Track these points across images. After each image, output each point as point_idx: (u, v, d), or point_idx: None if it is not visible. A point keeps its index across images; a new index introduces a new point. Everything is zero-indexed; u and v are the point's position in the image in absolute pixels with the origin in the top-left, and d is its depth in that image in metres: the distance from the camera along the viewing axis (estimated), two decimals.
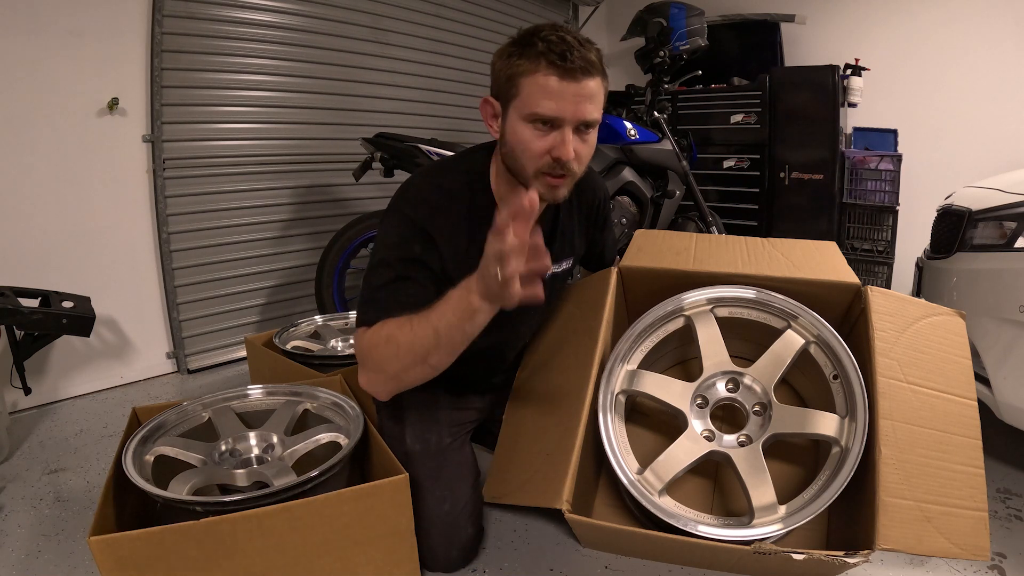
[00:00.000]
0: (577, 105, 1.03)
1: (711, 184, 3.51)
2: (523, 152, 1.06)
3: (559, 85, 1.01)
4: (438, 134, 3.03)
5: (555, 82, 1.01)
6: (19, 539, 1.35)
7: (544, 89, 1.01)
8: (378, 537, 1.08)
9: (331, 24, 2.69)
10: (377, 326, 1.04)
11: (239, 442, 1.27)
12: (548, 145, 1.05)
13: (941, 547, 1.02)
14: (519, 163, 1.08)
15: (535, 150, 1.05)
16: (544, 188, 1.08)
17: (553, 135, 1.05)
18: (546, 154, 1.05)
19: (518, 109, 1.05)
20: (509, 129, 1.07)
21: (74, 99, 2.05)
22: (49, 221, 2.05)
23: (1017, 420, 1.44)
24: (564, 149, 1.04)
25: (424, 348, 0.99)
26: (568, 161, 1.05)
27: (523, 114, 1.04)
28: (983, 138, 3.10)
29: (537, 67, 1.01)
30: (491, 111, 1.11)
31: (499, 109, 1.09)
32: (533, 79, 1.02)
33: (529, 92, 1.02)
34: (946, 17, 3.15)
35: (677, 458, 1.20)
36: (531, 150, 1.05)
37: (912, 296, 1.42)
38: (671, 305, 1.31)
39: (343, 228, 2.40)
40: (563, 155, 1.04)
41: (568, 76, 1.01)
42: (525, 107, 1.04)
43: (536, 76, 1.01)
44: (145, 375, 2.36)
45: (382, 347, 1.02)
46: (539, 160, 1.06)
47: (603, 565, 1.27)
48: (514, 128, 1.06)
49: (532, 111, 1.03)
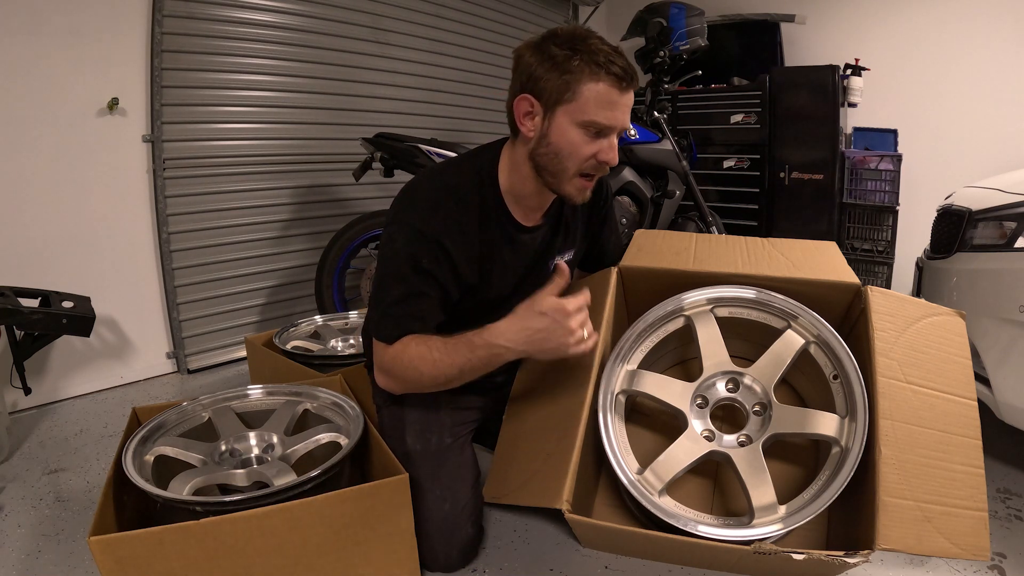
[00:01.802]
0: (625, 115, 1.10)
1: (711, 184, 3.51)
2: (570, 155, 1.10)
3: (618, 97, 1.06)
4: (438, 134, 3.03)
5: (615, 94, 1.06)
6: (19, 539, 1.35)
7: (606, 99, 1.05)
8: (378, 537, 1.09)
9: (331, 24, 2.69)
10: (399, 345, 1.13)
11: (239, 442, 1.27)
12: (596, 149, 1.10)
13: (941, 547, 1.02)
14: (562, 164, 1.11)
15: (584, 154, 1.10)
16: (577, 190, 1.15)
17: (601, 141, 1.10)
18: (592, 157, 1.10)
19: (571, 114, 1.07)
20: (556, 130, 1.09)
21: (74, 99, 2.05)
22: (49, 221, 2.06)
23: (1017, 420, 1.44)
24: (612, 155, 1.11)
25: (446, 378, 1.12)
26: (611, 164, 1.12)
27: (578, 119, 1.07)
28: (983, 138, 3.10)
29: (599, 76, 1.04)
30: (527, 109, 1.10)
31: (539, 108, 1.09)
32: (594, 87, 1.05)
33: (588, 99, 1.05)
34: (946, 17, 3.15)
35: (677, 458, 1.20)
36: (580, 153, 1.10)
37: (912, 296, 1.42)
38: (671, 305, 1.31)
39: (343, 228, 2.41)
40: (611, 160, 1.11)
41: (625, 88, 1.06)
42: (582, 113, 1.06)
43: (599, 85, 1.05)
44: (145, 375, 2.36)
45: (405, 369, 1.13)
46: (585, 163, 1.11)
47: (603, 565, 1.27)
48: (563, 130, 1.09)
49: (591, 119, 1.06)
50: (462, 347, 1.10)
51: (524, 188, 1.18)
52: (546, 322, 1.05)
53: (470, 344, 1.10)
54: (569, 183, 1.13)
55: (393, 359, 1.13)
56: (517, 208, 1.21)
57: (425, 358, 1.11)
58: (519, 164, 1.16)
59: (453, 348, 1.10)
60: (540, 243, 1.28)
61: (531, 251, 1.26)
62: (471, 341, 1.10)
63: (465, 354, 1.10)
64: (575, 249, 1.38)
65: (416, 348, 1.12)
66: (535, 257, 1.28)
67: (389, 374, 1.17)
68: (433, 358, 1.10)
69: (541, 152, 1.12)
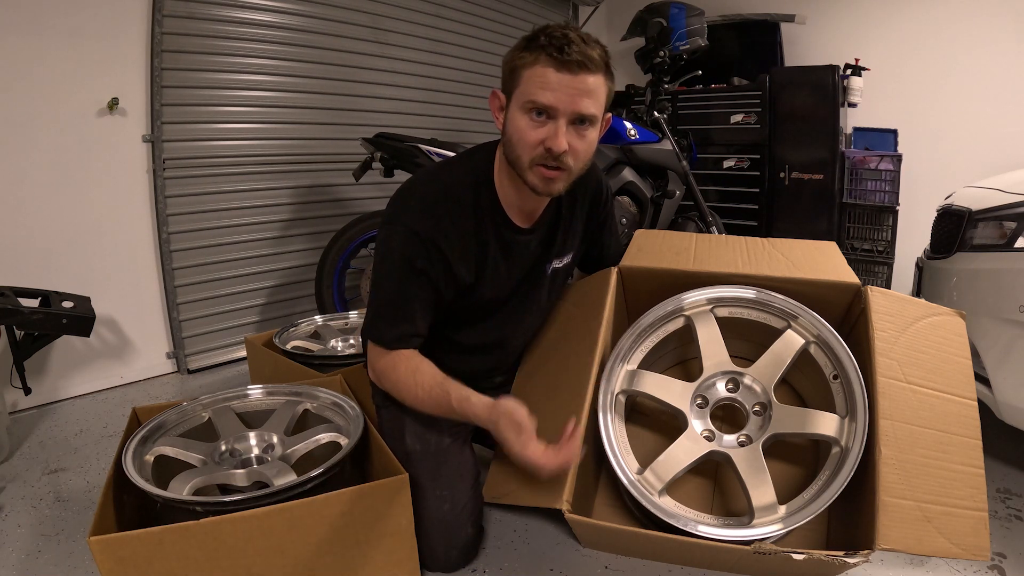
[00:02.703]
0: (572, 97, 1.04)
1: (711, 184, 3.51)
2: (519, 141, 1.09)
3: (556, 76, 1.04)
4: (438, 134, 3.03)
5: (552, 74, 1.04)
6: (19, 539, 1.35)
7: (542, 79, 1.04)
8: (378, 537, 1.09)
9: (331, 24, 2.69)
10: (390, 359, 1.17)
11: (239, 442, 1.27)
12: (542, 136, 1.07)
13: (941, 547, 1.02)
14: (515, 152, 1.10)
15: (529, 140, 1.07)
16: (538, 180, 1.11)
17: (548, 126, 1.07)
18: (540, 144, 1.07)
19: (517, 99, 1.08)
20: (509, 119, 1.10)
21: (74, 99, 2.05)
22: (49, 221, 2.06)
23: (1017, 420, 1.44)
24: (556, 141, 1.06)
25: (429, 408, 1.17)
26: (560, 153, 1.07)
27: (521, 103, 1.07)
28: (983, 138, 3.10)
29: (537, 59, 1.05)
30: (498, 104, 1.14)
31: (504, 101, 1.12)
32: (532, 70, 1.05)
33: (527, 82, 1.06)
34: (946, 17, 3.15)
35: (677, 458, 1.20)
36: (526, 140, 1.08)
37: (912, 296, 1.42)
38: (671, 305, 1.31)
39: (343, 228, 2.40)
40: (555, 146, 1.06)
41: (564, 68, 1.04)
42: (523, 96, 1.07)
43: (535, 67, 1.05)
44: (145, 375, 2.36)
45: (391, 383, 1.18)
46: (533, 150, 1.08)
47: (603, 565, 1.27)
48: (513, 117, 1.09)
49: (529, 99, 1.06)
50: (444, 401, 1.14)
51: (513, 187, 1.18)
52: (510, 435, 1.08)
53: (448, 402, 1.13)
54: (529, 172, 1.10)
55: (383, 371, 1.19)
56: (513, 209, 1.21)
57: (409, 388, 1.16)
58: (504, 163, 1.17)
59: (438, 395, 1.14)
60: (537, 245, 1.27)
61: (527, 253, 1.26)
62: (452, 400, 1.13)
63: (444, 405, 1.14)
64: (573, 252, 1.37)
65: (404, 374, 1.17)
66: (532, 260, 1.28)
67: (378, 378, 1.22)
68: (415, 392, 1.16)
69: (504, 143, 1.13)
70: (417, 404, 1.17)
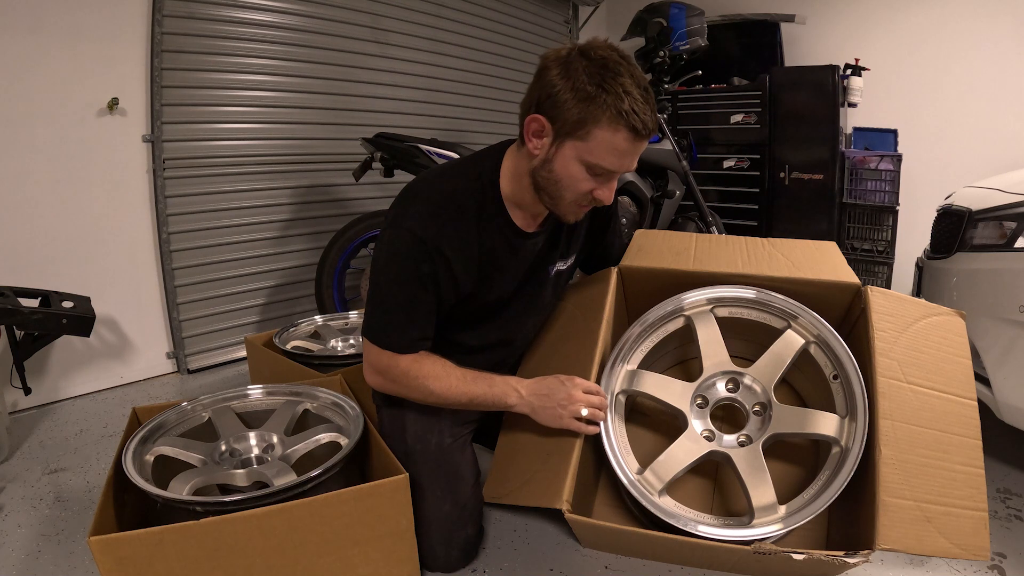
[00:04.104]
0: (633, 161, 1.09)
1: (711, 184, 3.51)
2: (568, 188, 1.11)
3: (629, 147, 1.06)
4: (438, 134, 3.03)
5: (628, 145, 1.05)
6: (19, 539, 1.35)
7: (617, 149, 1.05)
8: (378, 537, 1.09)
9: (331, 24, 2.69)
10: (411, 359, 1.17)
11: (239, 442, 1.27)
12: (593, 187, 1.10)
13: (941, 547, 1.02)
14: (560, 192, 1.12)
15: (581, 189, 1.10)
16: (573, 215, 1.17)
17: (599, 180, 1.10)
18: (589, 193, 1.11)
19: (579, 151, 1.06)
20: (561, 162, 1.09)
21: (74, 99, 2.05)
22: (49, 221, 2.06)
23: (1017, 420, 1.44)
24: (608, 196, 1.12)
25: (454, 402, 1.20)
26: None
27: (584, 159, 1.07)
28: (983, 138, 3.10)
29: (618, 127, 1.02)
30: (537, 129, 1.08)
31: (549, 131, 1.07)
32: (610, 137, 1.03)
33: (600, 145, 1.04)
34: (946, 17, 3.15)
35: (677, 458, 1.20)
36: (577, 189, 1.10)
37: (912, 296, 1.42)
38: (671, 305, 1.31)
39: (343, 228, 2.40)
40: (605, 201, 1.13)
41: (639, 139, 1.05)
42: (590, 155, 1.06)
43: (615, 136, 1.03)
44: (145, 375, 2.36)
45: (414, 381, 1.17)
46: (581, 197, 1.12)
47: (603, 565, 1.27)
48: (567, 164, 1.08)
49: (597, 163, 1.06)
50: (481, 381, 1.20)
51: (524, 196, 1.18)
52: (556, 383, 1.19)
53: (490, 380, 1.21)
54: (564, 207, 1.14)
55: (404, 372, 1.17)
56: (517, 214, 1.20)
57: (440, 379, 1.18)
58: (521, 174, 1.15)
59: (473, 379, 1.20)
60: (540, 249, 1.27)
61: (531, 257, 1.26)
62: (492, 377, 1.21)
63: (484, 387, 1.19)
64: (576, 254, 1.37)
65: (432, 367, 1.18)
66: (535, 263, 1.28)
67: (395, 382, 1.20)
68: (449, 382, 1.18)
69: (543, 175, 1.11)
70: (448, 395, 1.18)
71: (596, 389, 1.21)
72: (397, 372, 1.18)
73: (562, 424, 1.17)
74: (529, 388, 1.21)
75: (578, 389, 1.18)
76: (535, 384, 1.21)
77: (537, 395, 1.19)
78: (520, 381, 1.22)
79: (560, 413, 1.17)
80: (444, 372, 1.19)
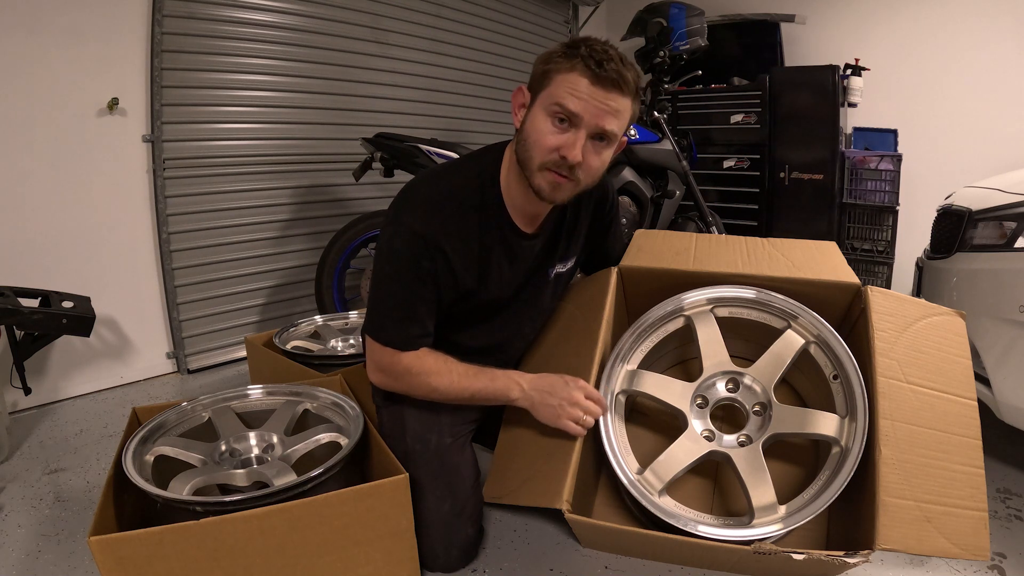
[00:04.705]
0: (599, 112, 1.06)
1: (711, 184, 3.51)
2: (535, 142, 1.09)
3: (588, 88, 1.04)
4: (438, 134, 3.03)
5: (585, 84, 1.04)
6: (19, 539, 1.35)
7: (574, 87, 1.05)
8: (378, 537, 1.08)
9: (331, 24, 2.69)
10: (413, 355, 1.17)
11: (239, 442, 1.27)
12: (560, 142, 1.07)
13: (941, 547, 1.02)
14: (529, 152, 1.10)
15: (547, 144, 1.08)
16: (545, 183, 1.11)
17: (568, 135, 1.07)
18: (555, 150, 1.08)
19: (543, 100, 1.08)
20: (530, 118, 1.10)
21: (74, 99, 2.05)
22: (49, 221, 2.05)
23: (1017, 420, 1.44)
24: (572, 151, 1.06)
25: (456, 397, 1.21)
26: (574, 164, 1.07)
27: (546, 105, 1.07)
28: (983, 138, 3.10)
29: (573, 67, 1.05)
30: (521, 100, 1.14)
31: (528, 99, 1.12)
32: (567, 76, 1.05)
33: (558, 85, 1.06)
34: (946, 17, 3.15)
35: (677, 458, 1.20)
36: (543, 142, 1.08)
37: (912, 296, 1.42)
38: (671, 305, 1.31)
39: (343, 228, 2.40)
40: (570, 156, 1.06)
41: (598, 82, 1.04)
42: (550, 98, 1.07)
43: (571, 74, 1.05)
44: (145, 375, 2.36)
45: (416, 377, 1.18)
46: (547, 154, 1.08)
47: (603, 565, 1.27)
48: (535, 117, 1.09)
49: (556, 101, 1.06)
50: (483, 376, 1.21)
51: (519, 189, 1.17)
52: (560, 382, 1.19)
53: (492, 374, 1.22)
54: (537, 175, 1.10)
55: (406, 369, 1.18)
56: (518, 213, 1.20)
57: (442, 374, 1.19)
58: (512, 163, 1.16)
59: (475, 373, 1.21)
60: (540, 250, 1.27)
61: (531, 258, 1.26)
62: (493, 372, 1.22)
63: (485, 381, 1.21)
64: (576, 256, 1.37)
65: (434, 363, 1.19)
66: (535, 264, 1.28)
67: (397, 379, 1.21)
68: (451, 378, 1.19)
69: (519, 141, 1.13)
70: (450, 390, 1.19)
71: (598, 397, 1.20)
72: (399, 369, 1.18)
73: (557, 423, 1.18)
74: (531, 383, 1.21)
75: (580, 392, 1.18)
76: (538, 379, 1.21)
77: (539, 390, 1.20)
78: (522, 375, 1.23)
79: (558, 413, 1.17)
80: (446, 368, 1.19)
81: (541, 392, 1.19)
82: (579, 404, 1.17)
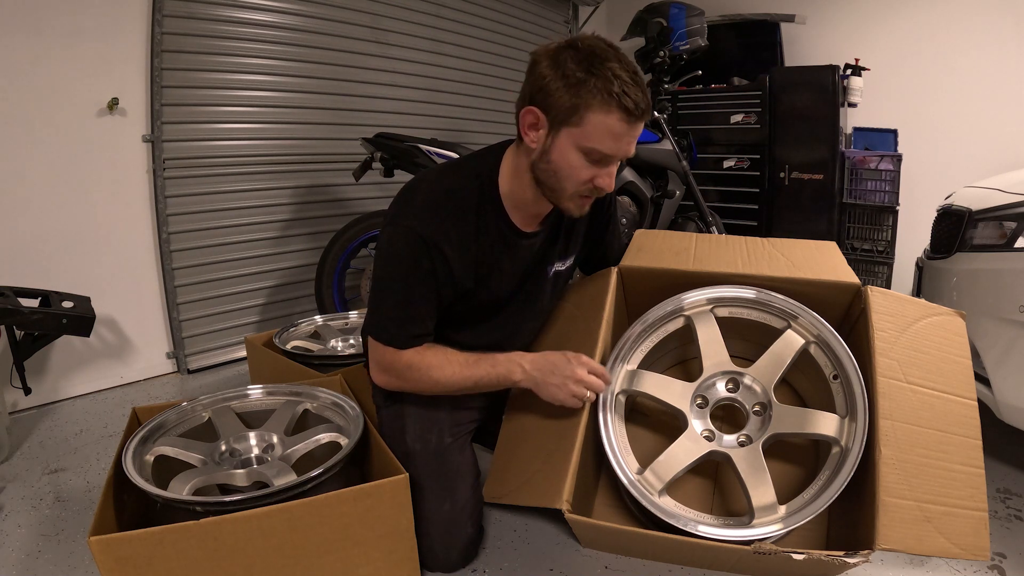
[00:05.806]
0: (631, 145, 1.09)
1: (711, 184, 3.51)
2: (568, 177, 1.10)
3: (624, 129, 1.05)
4: (438, 134, 3.03)
5: (623, 127, 1.05)
6: (19, 539, 1.35)
7: (611, 132, 1.05)
8: (378, 537, 1.09)
9: (331, 24, 2.69)
10: (413, 352, 1.17)
11: (239, 442, 1.27)
12: (593, 174, 1.10)
13: (941, 547, 1.02)
14: (560, 183, 1.11)
15: (581, 178, 1.10)
16: (576, 207, 1.16)
17: (598, 167, 1.09)
18: (589, 182, 1.10)
19: (575, 138, 1.06)
20: (558, 152, 1.09)
21: (74, 99, 2.05)
22: (49, 221, 2.05)
23: (1017, 420, 1.44)
24: (608, 182, 1.11)
25: (459, 387, 1.20)
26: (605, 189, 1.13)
27: (581, 145, 1.07)
28: (983, 138, 3.10)
29: (610, 109, 1.03)
30: (532, 121, 1.09)
31: (544, 123, 1.08)
32: (603, 119, 1.04)
33: (595, 129, 1.05)
34: (946, 17, 3.15)
35: (677, 458, 1.20)
36: (577, 177, 1.10)
37: (912, 296, 1.42)
38: (671, 305, 1.31)
39: (343, 228, 2.41)
40: (606, 188, 1.12)
41: (633, 121, 1.05)
42: (586, 140, 1.06)
43: (608, 118, 1.03)
44: (145, 375, 2.36)
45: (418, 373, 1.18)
46: (582, 186, 1.11)
47: (603, 565, 1.27)
48: (564, 153, 1.08)
49: (593, 147, 1.06)
50: (484, 362, 1.20)
51: (524, 194, 1.18)
52: (563, 360, 1.19)
53: (493, 360, 1.20)
54: (567, 200, 1.14)
55: (408, 365, 1.18)
56: (516, 213, 1.21)
57: (443, 367, 1.18)
58: (521, 171, 1.16)
59: (475, 361, 1.20)
60: (539, 249, 1.27)
61: (529, 257, 1.26)
62: (494, 357, 1.21)
63: (487, 368, 1.20)
64: (575, 255, 1.37)
65: (434, 357, 1.18)
66: (533, 263, 1.28)
67: (400, 377, 1.21)
68: (453, 369, 1.19)
69: (542, 167, 1.12)
70: (453, 381, 1.19)
71: (601, 371, 1.20)
72: (401, 366, 1.18)
73: (559, 400, 1.18)
74: (533, 363, 1.20)
75: (583, 368, 1.18)
76: (540, 358, 1.21)
77: (541, 370, 1.19)
78: (524, 355, 1.22)
79: (561, 390, 1.17)
80: (447, 360, 1.19)
81: (543, 371, 1.19)
82: (583, 380, 1.17)
